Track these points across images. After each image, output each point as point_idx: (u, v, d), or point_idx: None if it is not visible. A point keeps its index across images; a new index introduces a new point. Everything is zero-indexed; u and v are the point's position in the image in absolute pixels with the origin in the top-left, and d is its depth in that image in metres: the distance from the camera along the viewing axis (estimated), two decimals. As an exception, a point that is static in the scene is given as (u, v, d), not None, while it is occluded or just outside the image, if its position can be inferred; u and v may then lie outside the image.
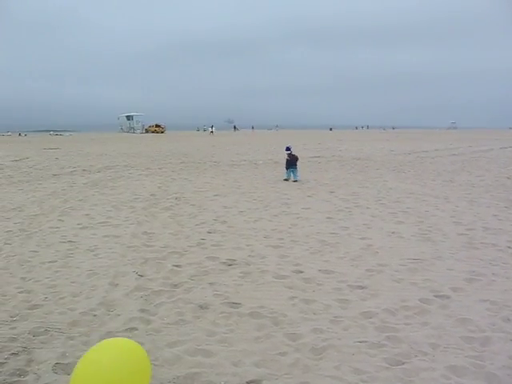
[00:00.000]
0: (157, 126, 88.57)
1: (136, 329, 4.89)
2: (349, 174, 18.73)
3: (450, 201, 12.49)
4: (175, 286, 6.17)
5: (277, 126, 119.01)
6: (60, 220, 10.09)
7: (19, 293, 5.91)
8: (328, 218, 10.32)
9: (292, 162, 16.78)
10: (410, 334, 4.74)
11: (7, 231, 9.09)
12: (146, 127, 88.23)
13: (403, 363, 4.18)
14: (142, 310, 5.35)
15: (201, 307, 5.46)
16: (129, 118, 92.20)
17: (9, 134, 78.06)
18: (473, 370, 4.06)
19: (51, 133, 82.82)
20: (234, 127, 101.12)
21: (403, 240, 8.46)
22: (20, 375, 4.01)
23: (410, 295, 5.78)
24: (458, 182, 16.40)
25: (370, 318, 5.14)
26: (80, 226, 9.50)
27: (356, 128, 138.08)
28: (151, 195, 13.40)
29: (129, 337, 4.63)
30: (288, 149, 16.92)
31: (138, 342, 4.51)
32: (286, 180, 16.68)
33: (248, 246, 8.08)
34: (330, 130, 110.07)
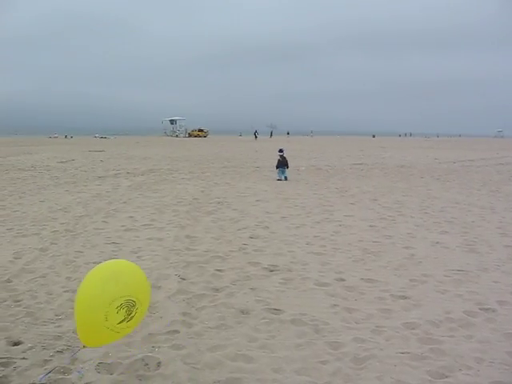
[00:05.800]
0: (200, 130, 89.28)
1: (178, 331, 4.94)
2: (392, 182, 18.51)
3: (497, 211, 12.19)
4: (217, 290, 6.21)
5: (311, 132, 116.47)
6: (104, 222, 10.30)
7: (64, 292, 6.06)
8: (371, 226, 10.21)
9: (283, 163, 18.99)
10: (454, 346, 4.64)
11: (53, 231, 9.33)
12: (188, 131, 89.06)
13: (447, 376, 4.10)
14: (184, 314, 5.41)
15: (242, 312, 5.48)
16: (172, 122, 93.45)
17: (56, 135, 79.73)
18: (519, 386, 3.95)
19: (96, 135, 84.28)
20: (255, 134, 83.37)
21: (448, 250, 8.30)
22: (64, 373, 4.11)
23: (454, 307, 5.67)
24: (504, 192, 15.99)
25: (413, 329, 5.06)
26: (124, 228, 9.68)
27: (399, 135, 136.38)
28: (194, 199, 13.54)
29: (170, 339, 4.70)
30: (281, 151, 19.36)
31: (180, 345, 4.58)
32: (279, 180, 18.50)
33: (290, 252, 8.07)
34: (373, 136, 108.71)
